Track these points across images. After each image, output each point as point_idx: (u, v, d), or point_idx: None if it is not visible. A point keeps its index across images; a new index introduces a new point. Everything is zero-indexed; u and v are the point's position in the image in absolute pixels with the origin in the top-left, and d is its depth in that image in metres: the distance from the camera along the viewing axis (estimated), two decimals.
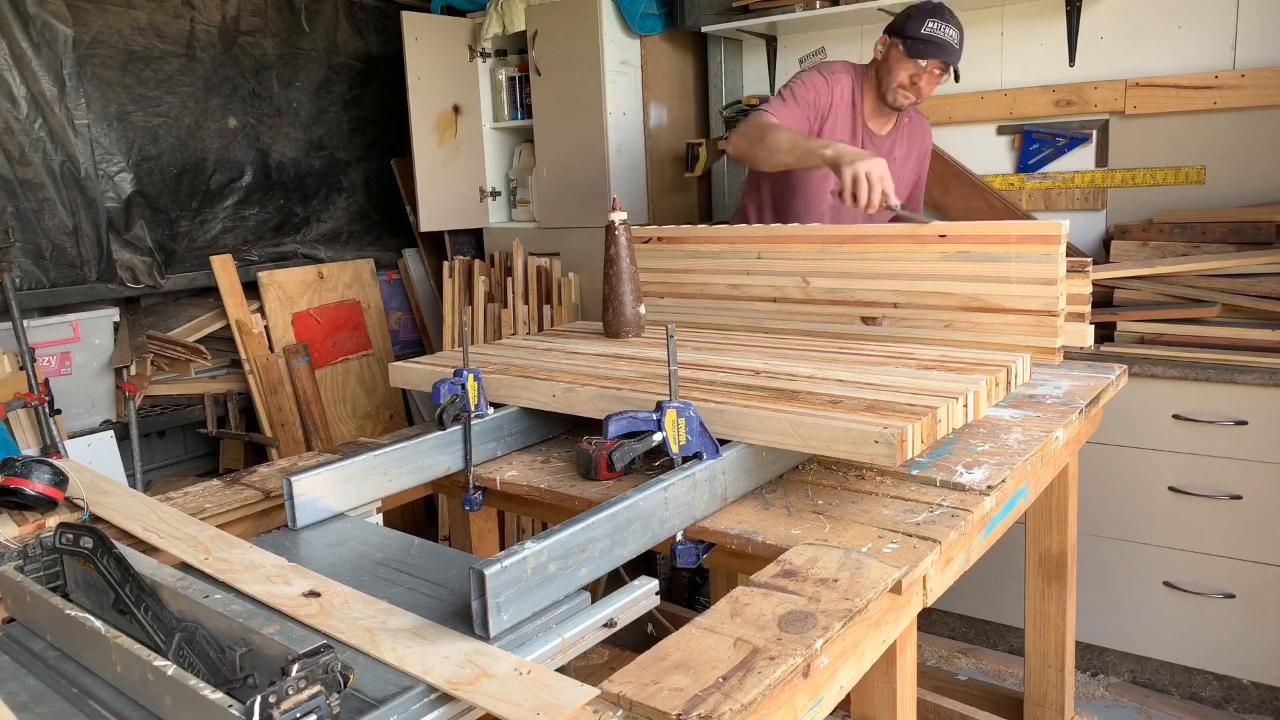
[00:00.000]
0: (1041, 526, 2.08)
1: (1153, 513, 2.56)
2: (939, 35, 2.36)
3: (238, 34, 3.72)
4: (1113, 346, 2.60)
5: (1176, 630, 2.58)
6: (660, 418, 1.30)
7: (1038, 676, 2.16)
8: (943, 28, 2.37)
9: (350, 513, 1.50)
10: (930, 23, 2.37)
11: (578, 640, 1.10)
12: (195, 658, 0.98)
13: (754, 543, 1.29)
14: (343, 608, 1.11)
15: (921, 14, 2.39)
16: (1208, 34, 2.78)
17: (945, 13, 2.39)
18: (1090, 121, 2.98)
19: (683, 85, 3.67)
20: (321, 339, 3.73)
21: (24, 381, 2.71)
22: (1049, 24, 3.01)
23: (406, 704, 0.93)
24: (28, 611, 1.16)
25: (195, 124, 3.61)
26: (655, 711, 0.89)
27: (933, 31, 2.36)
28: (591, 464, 1.55)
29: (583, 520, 1.15)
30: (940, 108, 3.20)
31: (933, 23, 2.37)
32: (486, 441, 1.68)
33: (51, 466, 1.41)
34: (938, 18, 2.38)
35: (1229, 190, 2.80)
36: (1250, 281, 2.53)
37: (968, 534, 1.34)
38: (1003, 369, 1.60)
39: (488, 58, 3.75)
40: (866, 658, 1.19)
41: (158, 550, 1.30)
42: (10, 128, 3.08)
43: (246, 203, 3.81)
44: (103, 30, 3.31)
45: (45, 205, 3.18)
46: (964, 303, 1.94)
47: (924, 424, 1.34)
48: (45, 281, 3.20)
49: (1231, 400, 2.41)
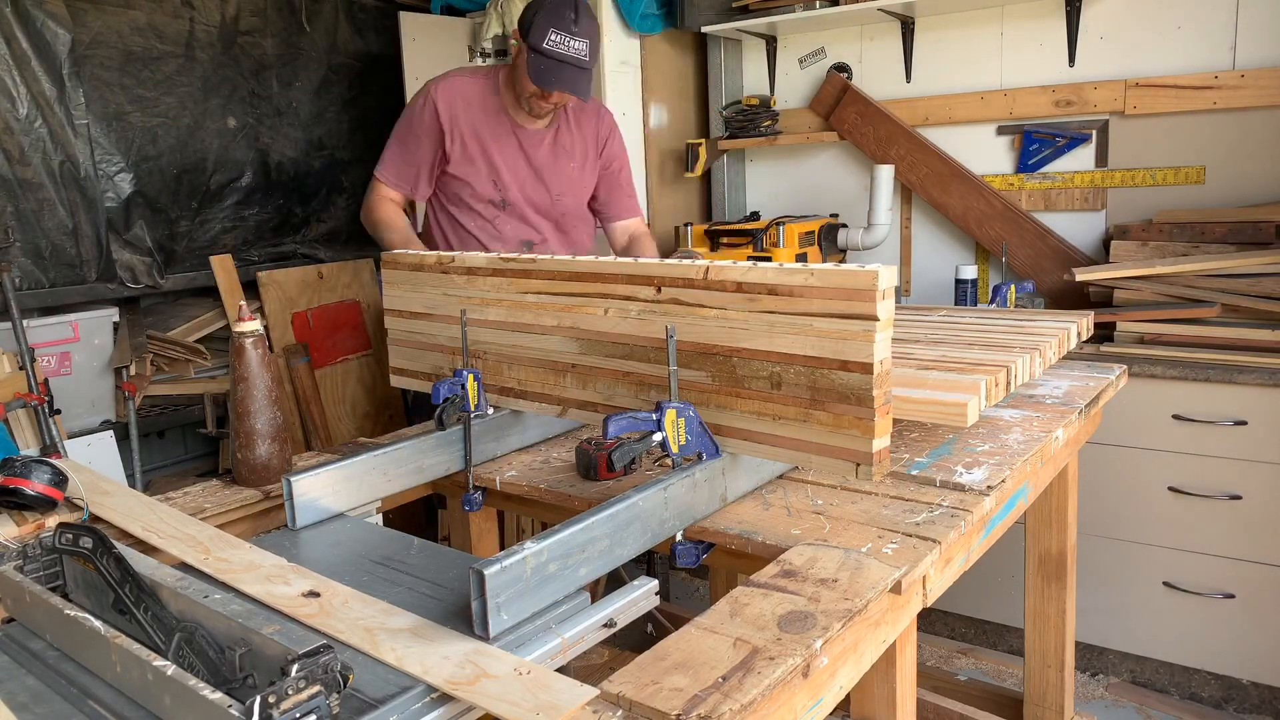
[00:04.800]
0: (1041, 526, 2.08)
1: (1152, 513, 2.56)
2: (562, 51, 2.03)
3: (237, 34, 3.72)
4: (1112, 346, 2.60)
5: (1176, 630, 2.58)
6: (660, 418, 1.30)
7: (1037, 676, 2.15)
8: (567, 41, 2.02)
9: (350, 513, 1.50)
10: (553, 34, 2.02)
11: (577, 640, 1.10)
12: (195, 658, 0.98)
13: (754, 543, 1.29)
14: (342, 608, 1.11)
15: (546, 19, 2.04)
16: (1207, 34, 2.78)
17: (569, 20, 2.03)
18: (1090, 121, 2.98)
19: (683, 85, 3.67)
20: (321, 339, 3.72)
21: (24, 381, 2.70)
22: (1049, 24, 3.01)
23: (406, 704, 0.93)
24: (27, 611, 1.16)
25: (195, 124, 3.61)
26: (655, 711, 0.89)
27: (556, 47, 2.02)
28: (591, 464, 1.55)
29: (582, 520, 1.15)
30: (940, 108, 3.21)
31: (555, 34, 2.02)
32: (486, 441, 1.68)
33: (51, 466, 1.41)
34: (561, 28, 2.01)
35: (1229, 190, 2.80)
36: (1250, 281, 2.53)
37: (967, 534, 1.34)
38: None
39: (487, 58, 3.75)
40: (866, 658, 1.19)
41: (157, 550, 1.30)
42: (10, 128, 3.08)
43: (246, 203, 3.81)
44: (102, 31, 3.31)
45: (45, 205, 3.18)
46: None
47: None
48: (45, 281, 3.19)
49: (1231, 400, 2.41)
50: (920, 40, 3.24)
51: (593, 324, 1.49)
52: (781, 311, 1.26)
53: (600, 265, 1.49)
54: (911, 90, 3.28)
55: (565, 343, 1.54)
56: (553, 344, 1.56)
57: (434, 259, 1.75)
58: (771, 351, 1.28)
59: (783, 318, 1.26)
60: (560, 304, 1.54)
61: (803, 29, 3.39)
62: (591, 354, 1.51)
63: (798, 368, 1.25)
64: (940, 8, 3.11)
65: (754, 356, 1.30)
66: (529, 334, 1.60)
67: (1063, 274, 2.87)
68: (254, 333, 1.58)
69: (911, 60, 3.26)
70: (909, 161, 3.23)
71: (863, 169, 3.40)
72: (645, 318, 1.42)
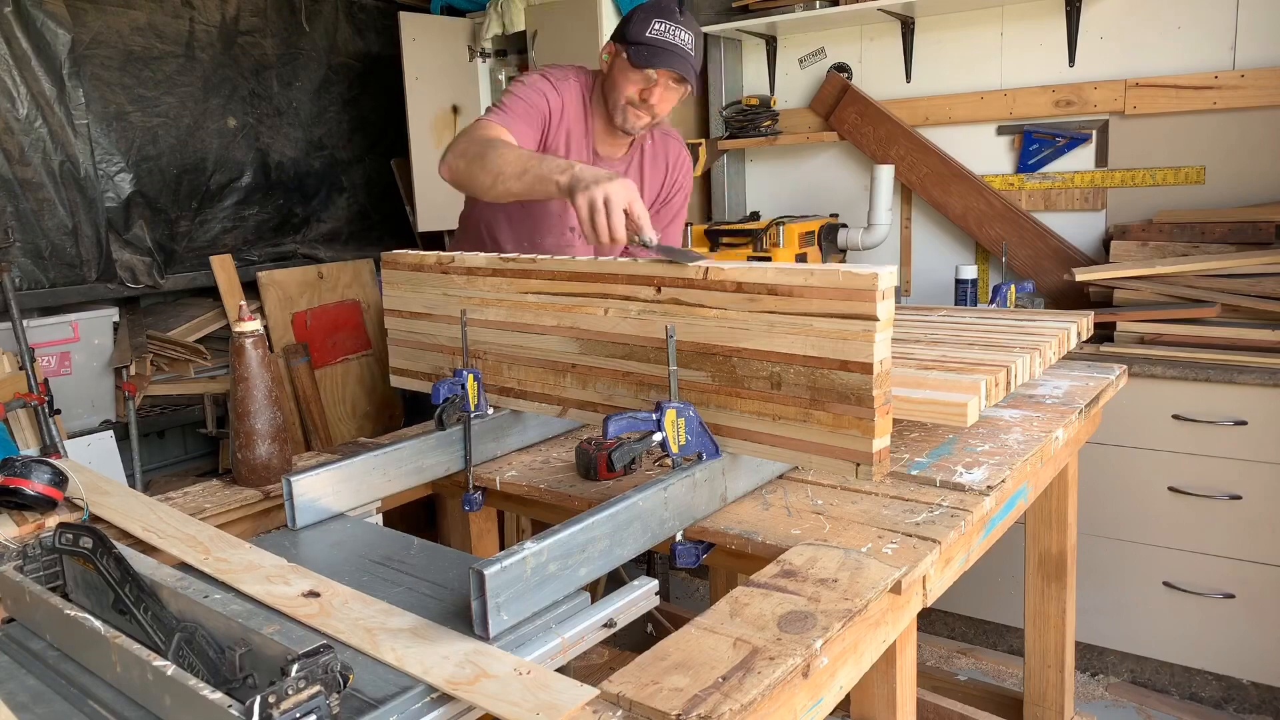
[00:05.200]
0: (1041, 527, 2.08)
1: (1152, 513, 2.56)
2: (667, 39, 2.00)
3: (237, 34, 3.72)
4: (1112, 346, 2.60)
5: (1176, 630, 2.58)
6: (660, 418, 1.30)
7: (1037, 676, 2.15)
8: (672, 29, 2.00)
9: (350, 513, 1.50)
10: (657, 24, 2.00)
11: (577, 640, 1.10)
12: (195, 658, 0.98)
13: (754, 543, 1.29)
14: (342, 608, 1.11)
15: (647, 14, 2.02)
16: (1207, 34, 2.78)
17: (674, 12, 2.03)
18: (1090, 121, 2.98)
19: None
20: (321, 339, 3.72)
21: (24, 381, 2.71)
22: (1049, 24, 3.01)
23: (406, 704, 0.93)
24: (27, 611, 1.16)
25: (195, 124, 3.61)
26: (655, 711, 0.89)
27: (659, 35, 2.00)
28: (591, 464, 1.55)
29: (582, 520, 1.15)
30: (940, 108, 3.21)
31: (660, 24, 2.00)
32: (486, 441, 1.68)
33: (51, 466, 1.41)
34: (665, 18, 2.01)
35: (1229, 190, 2.80)
36: (1250, 281, 2.53)
37: (967, 534, 1.34)
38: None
39: (487, 58, 3.75)
40: (866, 658, 1.19)
41: (157, 550, 1.30)
42: (10, 128, 3.08)
43: (246, 203, 3.81)
44: (102, 30, 3.31)
45: (45, 205, 3.18)
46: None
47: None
48: (45, 281, 3.20)
49: (1231, 400, 2.41)
50: (920, 40, 3.24)
51: (593, 324, 1.49)
52: (781, 311, 1.26)
53: (600, 265, 1.49)
54: (911, 90, 3.28)
55: (565, 343, 1.54)
56: (553, 344, 1.56)
57: (434, 259, 1.75)
58: (771, 351, 1.28)
59: (783, 318, 1.26)
60: (560, 304, 1.54)
61: (803, 29, 3.39)
62: (591, 354, 1.51)
63: (798, 368, 1.25)
64: (940, 8, 3.11)
65: (754, 356, 1.29)
66: (529, 334, 1.60)
67: (1063, 274, 2.87)
68: (254, 333, 1.58)
69: (911, 60, 3.26)
70: (909, 161, 3.23)
71: (863, 169, 3.40)
72: (645, 318, 1.42)
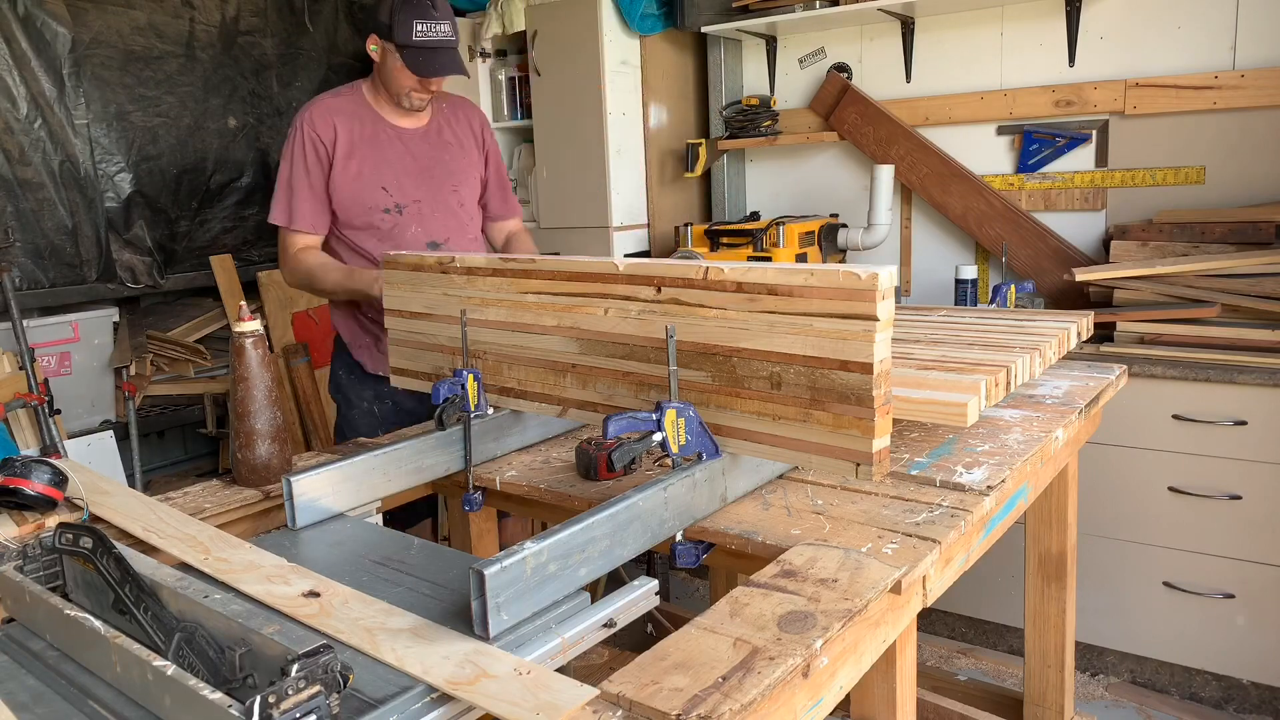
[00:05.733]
0: (1041, 527, 2.08)
1: (1152, 513, 2.56)
2: (434, 39, 2.05)
3: (237, 34, 3.72)
4: (1112, 346, 2.60)
5: (1176, 630, 2.58)
6: (660, 418, 1.30)
7: (1037, 676, 2.15)
8: (435, 26, 2.04)
9: (350, 513, 1.50)
10: (419, 25, 2.03)
11: (577, 640, 1.10)
12: (195, 658, 0.98)
13: (754, 543, 1.29)
14: (342, 608, 1.11)
15: (406, 15, 2.05)
16: (1207, 34, 2.78)
17: (428, 7, 2.06)
18: (1090, 121, 2.98)
19: (683, 85, 3.67)
20: (321, 339, 3.72)
21: (24, 381, 2.71)
22: (1049, 24, 3.01)
23: (406, 704, 0.93)
24: (27, 611, 1.16)
25: (195, 124, 3.61)
26: (655, 711, 0.89)
27: (426, 36, 2.04)
28: (591, 464, 1.55)
29: (582, 520, 1.15)
30: (940, 108, 3.21)
31: (421, 24, 2.03)
32: (486, 441, 1.68)
33: (51, 466, 1.41)
34: (424, 17, 2.03)
35: (1229, 190, 2.80)
36: (1250, 281, 2.53)
37: (967, 534, 1.34)
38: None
39: (487, 58, 3.75)
40: (866, 658, 1.19)
41: (157, 550, 1.30)
42: (10, 128, 3.08)
43: (246, 203, 3.81)
44: (102, 30, 3.31)
45: (45, 205, 3.18)
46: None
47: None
48: (45, 281, 3.20)
49: (1231, 400, 2.41)
50: (920, 40, 3.24)
51: (593, 324, 1.49)
52: (781, 312, 1.26)
53: (600, 265, 1.49)
54: (911, 90, 3.28)
55: (565, 343, 1.54)
56: (553, 344, 1.56)
57: (434, 259, 1.75)
58: (771, 351, 1.27)
59: (783, 318, 1.26)
60: (560, 304, 1.54)
61: (803, 29, 3.39)
62: (591, 354, 1.51)
63: (798, 368, 1.25)
64: (940, 8, 3.11)
65: (754, 356, 1.29)
66: (529, 334, 1.60)
67: (1063, 274, 2.87)
68: (254, 333, 1.58)
69: (911, 60, 3.26)
70: (909, 161, 3.23)
71: (863, 169, 3.40)
72: (645, 318, 1.42)
